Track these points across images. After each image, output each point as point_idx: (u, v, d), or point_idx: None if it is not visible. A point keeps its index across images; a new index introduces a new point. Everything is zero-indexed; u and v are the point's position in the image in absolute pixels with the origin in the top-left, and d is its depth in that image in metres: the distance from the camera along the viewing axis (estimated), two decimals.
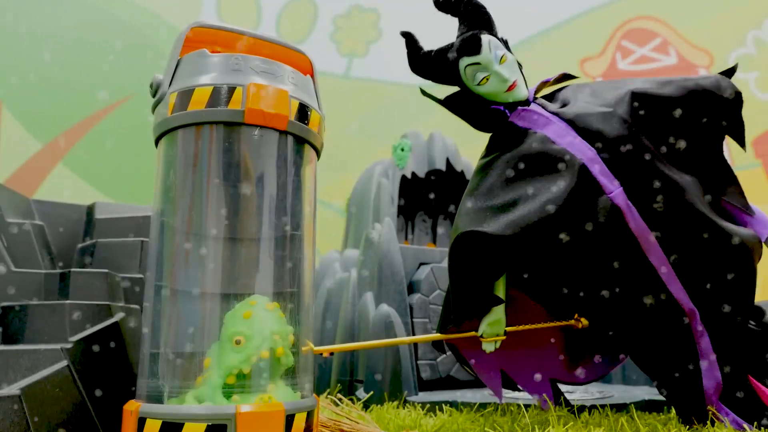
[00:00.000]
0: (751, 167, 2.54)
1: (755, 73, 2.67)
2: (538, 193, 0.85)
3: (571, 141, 0.87)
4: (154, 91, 0.71)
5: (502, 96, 0.93)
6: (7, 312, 0.80)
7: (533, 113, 0.92)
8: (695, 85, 0.91)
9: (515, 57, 0.95)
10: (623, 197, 0.86)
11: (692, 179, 0.89)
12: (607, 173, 0.86)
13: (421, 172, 1.85)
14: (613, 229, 0.86)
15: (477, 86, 0.92)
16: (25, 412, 0.66)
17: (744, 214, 0.91)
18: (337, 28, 2.92)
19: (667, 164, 0.88)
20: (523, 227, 0.83)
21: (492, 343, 0.93)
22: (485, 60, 0.91)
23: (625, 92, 0.90)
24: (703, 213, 0.86)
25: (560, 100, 0.96)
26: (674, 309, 0.87)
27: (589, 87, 0.96)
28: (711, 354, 0.87)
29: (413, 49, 0.95)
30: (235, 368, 0.62)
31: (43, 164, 2.48)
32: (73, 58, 2.58)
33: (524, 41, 2.83)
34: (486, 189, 0.90)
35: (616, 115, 0.88)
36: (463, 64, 0.92)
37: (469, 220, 0.87)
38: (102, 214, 1.12)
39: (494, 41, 0.92)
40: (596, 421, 0.93)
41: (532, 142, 0.89)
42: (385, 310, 1.36)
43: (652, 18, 2.87)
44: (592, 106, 0.90)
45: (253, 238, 0.70)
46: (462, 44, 0.91)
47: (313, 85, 0.77)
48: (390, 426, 0.95)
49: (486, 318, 0.92)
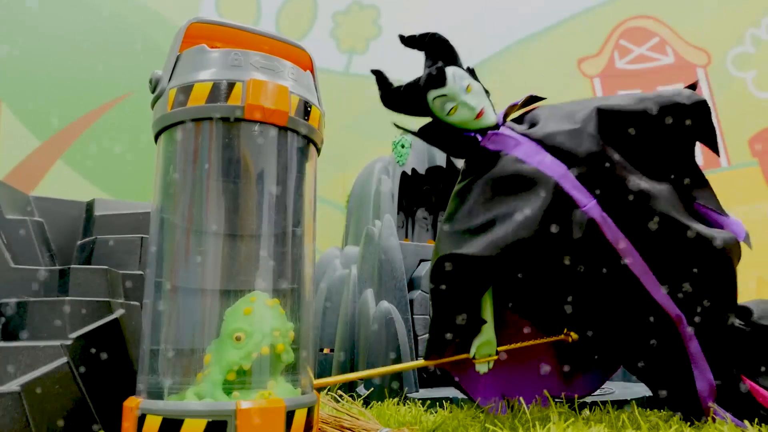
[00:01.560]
0: (747, 166, 2.54)
1: (753, 72, 2.67)
2: (515, 211, 0.87)
3: (541, 159, 0.89)
4: (154, 87, 0.71)
5: (471, 123, 0.95)
6: (7, 309, 0.80)
7: (503, 136, 0.94)
8: (667, 99, 0.94)
9: (481, 85, 0.97)
10: (598, 209, 0.87)
11: (666, 187, 0.91)
12: (580, 187, 0.88)
13: (421, 168, 1.84)
14: (591, 242, 0.87)
15: (447, 116, 0.95)
16: (24, 409, 0.66)
17: (718, 215, 0.94)
18: (336, 24, 2.92)
19: (639, 175, 0.90)
20: (502, 247, 0.85)
21: (485, 364, 0.94)
22: (451, 91, 0.93)
23: (592, 110, 0.92)
24: (679, 219, 0.88)
25: (528, 121, 0.98)
26: (660, 316, 0.89)
27: (557, 107, 0.98)
28: (702, 357, 0.88)
29: (384, 85, 0.98)
30: (235, 364, 0.62)
31: (43, 161, 2.48)
32: (73, 55, 2.57)
33: (522, 41, 2.82)
34: (464, 213, 0.92)
35: (585, 132, 0.90)
36: (431, 97, 0.94)
37: (449, 243, 0.89)
38: (101, 210, 1.12)
39: (459, 72, 0.94)
40: (597, 418, 0.93)
41: (504, 164, 0.92)
42: (385, 307, 1.36)
43: (649, 17, 2.87)
44: (561, 124, 0.92)
45: (253, 235, 0.69)
46: (428, 78, 0.94)
47: (313, 80, 0.76)
48: (390, 422, 0.95)
49: (476, 339, 0.93)
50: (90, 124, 2.56)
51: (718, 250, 0.87)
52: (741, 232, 0.92)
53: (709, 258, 0.87)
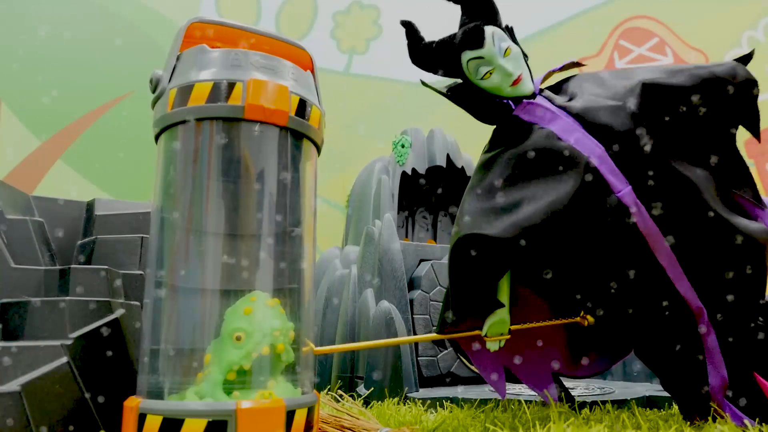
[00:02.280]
0: None
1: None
2: (543, 193, 0.82)
3: (578, 137, 0.84)
4: (154, 87, 0.71)
5: (506, 90, 0.90)
6: (7, 308, 0.80)
7: (539, 107, 0.89)
8: (708, 72, 0.87)
9: (520, 48, 0.92)
10: (632, 196, 0.83)
11: (704, 173, 0.86)
12: (616, 171, 0.84)
13: (421, 168, 1.84)
14: (621, 229, 0.84)
15: (480, 80, 0.89)
16: (25, 409, 0.66)
17: (756, 207, 0.89)
18: (337, 24, 2.92)
19: (678, 159, 0.85)
20: (526, 229, 0.81)
21: (496, 342, 0.92)
22: (489, 54, 0.87)
23: (636, 83, 0.86)
24: (714, 209, 0.84)
25: (567, 93, 0.92)
26: (681, 307, 0.86)
27: (598, 77, 0.93)
28: (718, 352, 0.86)
29: (414, 40, 0.92)
30: (235, 364, 0.62)
31: (43, 161, 2.48)
32: (73, 54, 2.57)
33: (523, 41, 2.81)
34: (489, 187, 0.88)
35: (626, 109, 0.85)
36: (465, 58, 0.89)
37: (472, 221, 0.85)
38: (102, 210, 1.11)
39: (498, 33, 0.89)
40: (597, 417, 0.93)
41: (537, 139, 0.87)
42: (385, 307, 1.36)
43: (649, 18, 2.87)
44: (601, 99, 0.87)
45: (253, 235, 0.69)
46: (464, 37, 0.88)
47: (313, 80, 0.76)
48: (390, 422, 0.95)
49: (489, 318, 0.91)
50: (90, 123, 2.56)
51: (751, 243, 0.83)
52: None
53: (742, 252, 0.84)
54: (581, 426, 0.80)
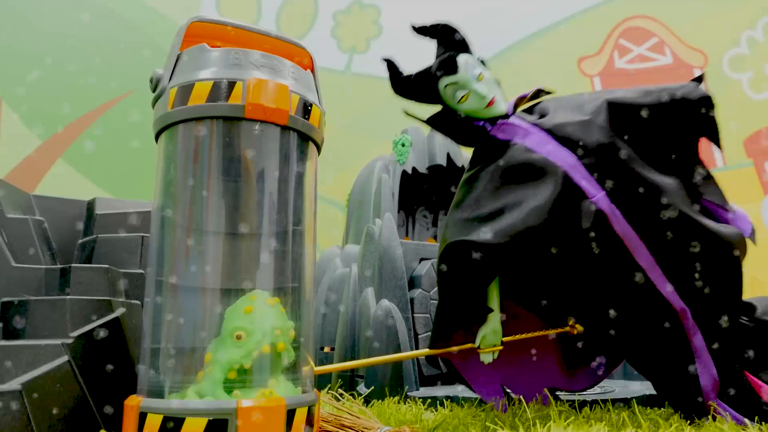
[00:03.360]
0: (742, 166, 2.54)
1: (748, 74, 2.68)
2: (524, 200, 0.86)
3: (550, 150, 0.89)
4: (154, 86, 0.71)
5: (482, 112, 0.96)
6: (8, 307, 0.80)
7: (513, 125, 0.94)
8: (670, 94, 0.93)
9: (492, 75, 0.98)
10: (606, 201, 0.87)
11: (674, 180, 0.90)
12: (589, 178, 0.87)
13: (421, 167, 1.84)
14: (599, 234, 0.87)
15: (457, 104, 0.95)
16: (26, 408, 0.66)
17: (725, 211, 0.93)
18: (337, 23, 2.92)
19: (649, 168, 0.90)
20: (511, 235, 0.84)
21: (490, 353, 0.94)
22: (463, 79, 0.94)
23: (602, 102, 0.92)
24: (686, 213, 0.87)
25: (538, 112, 0.98)
26: (665, 309, 0.88)
27: (568, 99, 0.98)
28: (705, 352, 0.88)
29: (394, 73, 0.99)
30: (236, 363, 0.62)
31: (43, 160, 2.48)
32: (73, 53, 2.57)
33: (522, 40, 2.82)
34: (472, 201, 0.92)
35: (595, 124, 0.90)
36: (442, 84, 0.95)
37: (457, 230, 0.89)
38: (102, 209, 1.12)
39: (471, 60, 0.95)
40: (597, 416, 0.93)
41: (513, 153, 0.92)
42: (385, 306, 1.36)
43: (648, 17, 2.87)
44: (571, 116, 0.92)
45: (253, 234, 0.70)
46: (440, 65, 0.95)
47: (313, 79, 0.76)
48: (391, 421, 0.95)
49: (482, 329, 0.93)
50: (91, 123, 2.56)
51: (725, 245, 0.87)
52: (747, 227, 0.92)
53: (716, 253, 0.87)
54: (582, 425, 0.80)
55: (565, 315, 1.02)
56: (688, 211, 0.88)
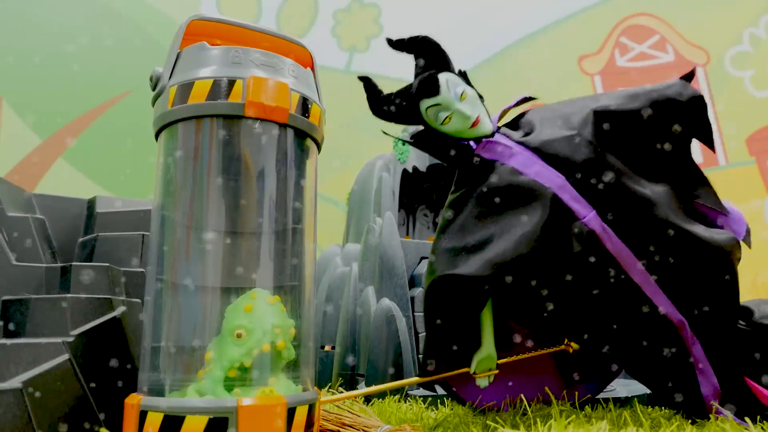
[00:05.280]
0: (745, 164, 2.54)
1: (750, 71, 2.67)
2: (512, 228, 0.84)
3: (538, 170, 0.87)
4: (154, 85, 0.71)
5: (466, 133, 0.92)
6: (9, 306, 0.80)
7: (498, 144, 0.91)
8: (659, 95, 0.91)
9: (475, 90, 0.94)
10: (597, 220, 0.85)
11: (664, 189, 0.89)
12: (579, 198, 0.86)
13: (422, 166, 1.84)
14: (592, 254, 0.85)
15: (440, 125, 0.92)
16: (26, 406, 0.66)
17: (718, 213, 0.91)
18: (337, 22, 2.92)
19: (637, 179, 0.88)
20: (499, 264, 0.82)
21: (485, 378, 0.93)
22: (445, 100, 0.90)
23: (588, 113, 0.90)
24: (678, 224, 0.86)
25: (524, 127, 0.95)
26: (663, 323, 0.87)
27: (552, 110, 0.95)
28: (705, 361, 0.88)
29: (373, 93, 0.94)
30: (236, 361, 0.62)
31: (44, 158, 2.48)
32: (74, 52, 2.57)
33: (523, 39, 2.82)
34: (458, 227, 0.90)
35: (582, 138, 0.87)
36: (423, 106, 0.91)
37: (444, 261, 0.87)
38: (103, 208, 1.12)
39: (452, 78, 0.91)
40: (599, 415, 0.92)
41: (499, 175, 0.89)
42: (386, 304, 1.36)
43: (650, 15, 2.87)
44: (557, 131, 0.89)
45: (254, 232, 0.69)
46: (420, 86, 0.90)
47: (313, 78, 0.76)
48: (391, 420, 0.95)
49: (477, 354, 0.92)
50: (91, 121, 2.56)
51: (719, 253, 0.86)
52: (741, 230, 0.90)
53: (710, 262, 0.86)
54: (583, 424, 0.80)
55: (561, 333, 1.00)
56: (679, 222, 0.86)
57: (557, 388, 1.08)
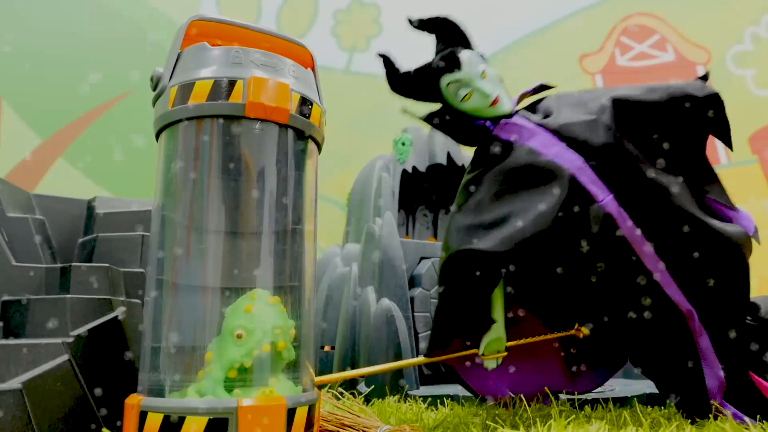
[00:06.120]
0: (747, 163, 2.54)
1: (752, 70, 2.67)
2: (530, 206, 0.84)
3: (557, 151, 0.87)
4: (155, 85, 0.71)
5: (485, 111, 0.92)
6: (8, 306, 0.80)
7: (517, 125, 0.91)
8: (678, 90, 0.91)
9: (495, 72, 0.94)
10: (614, 204, 0.85)
11: (679, 180, 0.89)
12: (597, 181, 0.86)
13: (422, 166, 1.84)
14: (607, 237, 0.85)
15: (460, 103, 0.91)
16: (26, 406, 0.66)
17: (729, 209, 0.92)
18: (337, 22, 2.91)
19: (653, 167, 0.88)
20: (517, 242, 0.82)
21: (494, 360, 0.92)
22: (466, 76, 0.90)
23: (607, 100, 0.90)
24: (693, 213, 0.86)
25: (542, 111, 0.95)
26: (672, 311, 0.87)
27: (572, 96, 0.95)
28: (711, 353, 0.87)
29: (391, 69, 0.94)
30: (236, 362, 0.62)
31: (44, 159, 2.48)
32: (74, 52, 2.57)
33: (524, 38, 2.82)
34: (475, 204, 0.89)
35: (600, 123, 0.87)
36: (444, 82, 0.91)
37: (461, 237, 0.86)
38: (103, 208, 1.12)
39: (474, 56, 0.91)
40: (599, 415, 0.93)
41: (518, 155, 0.89)
42: (386, 304, 1.36)
43: (650, 14, 2.86)
44: (576, 115, 0.90)
45: (254, 232, 0.70)
46: (442, 61, 0.90)
47: (314, 78, 0.76)
48: (391, 420, 0.95)
49: (486, 336, 0.91)
50: (91, 121, 2.56)
51: (731, 245, 0.86)
52: (751, 226, 0.90)
53: (722, 253, 0.86)
54: (582, 424, 0.80)
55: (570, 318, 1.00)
56: (694, 211, 0.86)
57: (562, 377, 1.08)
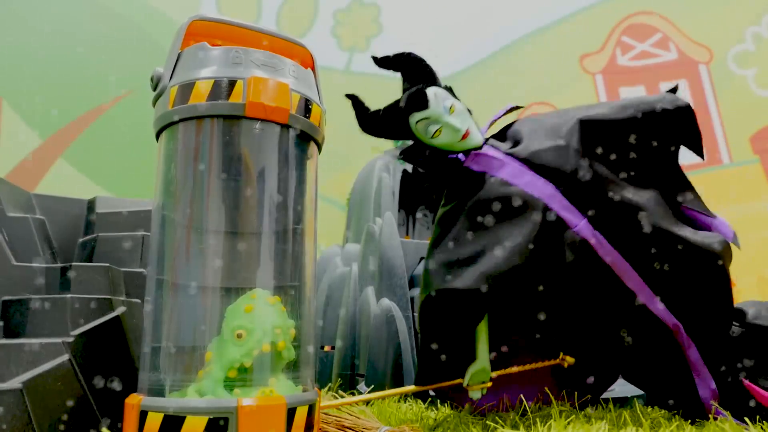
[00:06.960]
0: (749, 163, 2.54)
1: (754, 70, 2.68)
2: (504, 239, 0.84)
3: (528, 180, 0.87)
4: (155, 85, 0.71)
5: (457, 145, 0.92)
6: (9, 306, 0.80)
7: (487, 156, 0.91)
8: (649, 105, 0.92)
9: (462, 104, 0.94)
10: (589, 228, 0.86)
11: (653, 194, 0.90)
12: (569, 207, 0.86)
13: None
14: (585, 262, 0.86)
15: (431, 139, 0.91)
16: (26, 406, 0.66)
17: (705, 216, 0.93)
18: (337, 22, 2.92)
19: (625, 186, 0.89)
20: (494, 277, 0.82)
21: (478, 390, 0.93)
22: (434, 113, 0.90)
23: (574, 122, 0.90)
24: (668, 230, 0.87)
25: (512, 138, 0.95)
26: (658, 327, 0.88)
27: (540, 121, 0.95)
28: (702, 364, 0.88)
29: (360, 110, 0.95)
30: (236, 362, 0.62)
31: (44, 159, 2.48)
32: (74, 52, 2.57)
33: (524, 38, 2.82)
34: (450, 241, 0.89)
35: (570, 147, 0.88)
36: (413, 120, 0.91)
37: (438, 276, 0.87)
38: (103, 208, 1.12)
39: (440, 92, 0.91)
40: (599, 415, 0.93)
41: (489, 187, 0.89)
42: (386, 304, 1.36)
43: (652, 13, 2.87)
44: (546, 141, 0.90)
45: (254, 232, 0.70)
46: (409, 100, 0.91)
47: (314, 78, 0.76)
48: (391, 420, 0.95)
49: (471, 367, 0.91)
50: (91, 121, 2.56)
51: (709, 256, 0.86)
52: (729, 233, 0.91)
53: (700, 264, 0.87)
54: (582, 424, 0.80)
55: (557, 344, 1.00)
56: (669, 227, 0.87)
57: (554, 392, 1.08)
